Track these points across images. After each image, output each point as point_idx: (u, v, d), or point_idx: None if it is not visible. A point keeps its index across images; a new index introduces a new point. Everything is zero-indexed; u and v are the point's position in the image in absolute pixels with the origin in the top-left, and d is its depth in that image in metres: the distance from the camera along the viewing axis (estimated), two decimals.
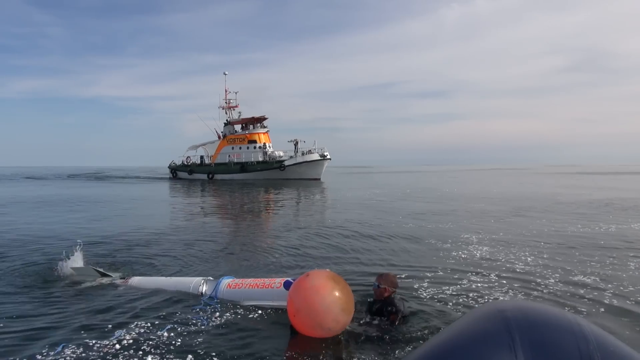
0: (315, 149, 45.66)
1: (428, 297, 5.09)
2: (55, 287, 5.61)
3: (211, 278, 5.31)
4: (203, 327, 4.16)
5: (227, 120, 49.35)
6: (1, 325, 4.27)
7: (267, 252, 7.95)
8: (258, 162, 45.67)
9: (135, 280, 5.59)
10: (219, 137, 49.00)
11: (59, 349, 3.64)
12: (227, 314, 4.51)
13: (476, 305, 4.75)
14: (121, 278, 5.77)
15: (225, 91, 50.02)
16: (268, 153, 46.59)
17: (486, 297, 4.93)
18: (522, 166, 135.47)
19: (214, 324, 4.25)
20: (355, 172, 74.53)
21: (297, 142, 45.96)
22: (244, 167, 45.16)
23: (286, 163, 44.34)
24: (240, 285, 4.93)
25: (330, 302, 3.65)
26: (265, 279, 4.95)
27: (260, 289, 4.75)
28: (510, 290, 5.32)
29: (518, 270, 6.34)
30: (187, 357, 3.54)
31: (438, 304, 4.85)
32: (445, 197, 21.12)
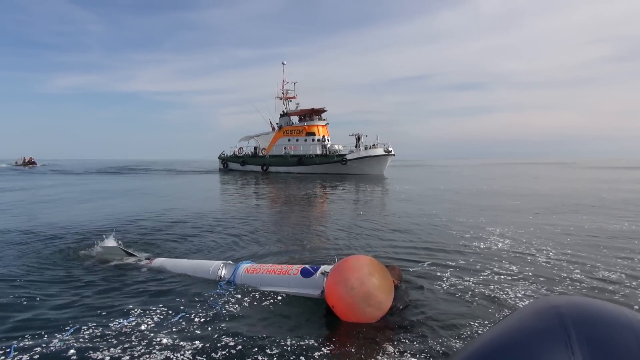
0: (378, 144, 45.31)
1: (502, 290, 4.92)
2: (83, 265, 6.25)
3: (231, 262, 5.62)
4: (217, 312, 4.41)
5: (283, 111, 50.37)
6: (25, 298, 4.82)
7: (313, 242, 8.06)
8: (317, 156, 46.20)
9: (159, 261, 6.06)
10: (273, 129, 50.21)
11: (72, 329, 4.02)
12: (243, 300, 4.74)
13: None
14: (146, 259, 6.26)
15: (283, 81, 51.13)
16: (327, 146, 46.97)
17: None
18: (563, 160, 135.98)
19: (228, 309, 4.48)
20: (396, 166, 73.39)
21: (359, 137, 45.87)
22: (301, 159, 45.88)
23: (348, 157, 44.37)
24: (259, 270, 5.17)
25: (367, 273, 3.96)
26: (284, 266, 5.16)
27: (278, 275, 4.97)
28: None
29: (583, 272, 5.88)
30: (196, 341, 3.76)
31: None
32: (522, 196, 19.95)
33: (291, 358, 3.50)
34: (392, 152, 45.03)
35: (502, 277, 5.76)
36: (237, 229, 9.61)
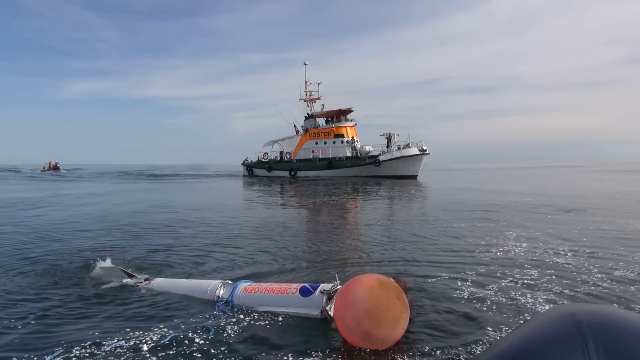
0: (412, 143, 44.87)
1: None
2: (81, 285, 6.41)
3: (229, 281, 5.67)
4: (211, 334, 4.43)
5: (308, 113, 50.57)
6: (16, 318, 5.00)
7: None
8: (347, 158, 46.08)
9: (157, 281, 6.18)
10: (297, 132, 50.45)
11: (61, 350, 4.12)
12: (238, 321, 4.76)
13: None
14: (145, 280, 6.39)
15: (306, 82, 51.29)
16: (357, 148, 46.81)
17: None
18: (577, 163, 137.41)
19: (223, 331, 4.51)
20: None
21: (390, 136, 45.57)
22: (331, 162, 45.84)
23: (381, 158, 44.11)
24: (257, 289, 5.19)
25: (360, 297, 3.83)
26: (282, 284, 5.16)
27: (276, 295, 4.96)
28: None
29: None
30: None
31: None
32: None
33: None
34: (427, 151, 44.50)
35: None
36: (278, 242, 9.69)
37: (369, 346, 3.87)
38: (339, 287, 4.66)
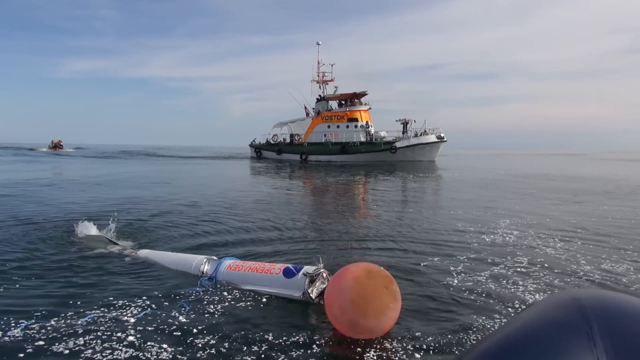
0: (429, 130, 44.57)
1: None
2: (68, 251, 6.54)
3: (214, 257, 5.72)
4: (189, 312, 4.44)
5: (320, 95, 50.15)
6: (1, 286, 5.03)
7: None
8: (362, 143, 45.82)
9: (143, 252, 6.28)
10: (307, 114, 50.20)
11: (35, 318, 4.17)
12: (220, 299, 4.78)
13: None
14: (131, 249, 6.52)
15: (318, 63, 50.77)
16: (371, 133, 46.51)
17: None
18: (577, 152, 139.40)
19: (203, 309, 4.52)
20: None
21: (406, 122, 45.29)
22: (344, 147, 45.60)
23: (397, 145, 43.85)
24: (241, 267, 5.24)
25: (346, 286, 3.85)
26: (266, 264, 5.20)
27: (260, 274, 5.02)
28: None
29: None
30: (166, 338, 3.85)
31: None
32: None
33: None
34: (445, 139, 44.16)
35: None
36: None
37: (357, 335, 3.88)
38: (322, 270, 4.75)
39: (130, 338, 3.78)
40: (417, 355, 3.60)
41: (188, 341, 3.78)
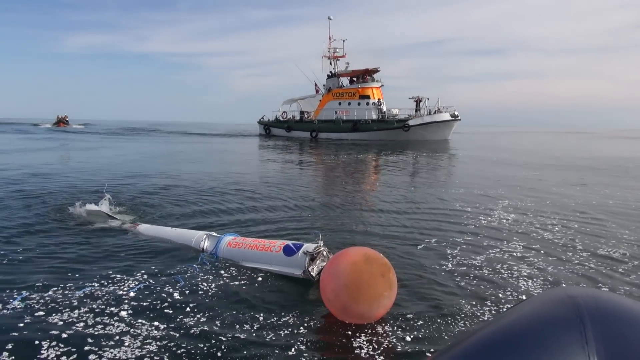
0: (442, 107, 44.10)
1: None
2: (67, 226, 6.65)
3: (214, 234, 5.74)
4: (186, 287, 4.52)
5: (330, 72, 49.52)
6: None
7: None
8: (374, 121, 45.50)
9: (143, 227, 6.36)
10: (317, 91, 49.73)
11: (33, 290, 4.27)
12: (215, 276, 4.84)
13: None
14: (130, 223, 6.59)
15: (329, 38, 49.86)
16: (383, 111, 46.12)
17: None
18: (587, 130, 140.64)
19: (199, 285, 4.59)
20: None
21: (419, 100, 44.82)
22: (356, 125, 45.33)
23: (410, 123, 43.49)
24: (241, 244, 5.28)
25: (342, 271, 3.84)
26: (267, 241, 5.22)
27: (260, 252, 5.06)
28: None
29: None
30: (158, 314, 3.93)
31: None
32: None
33: (256, 340, 3.52)
34: (459, 117, 43.71)
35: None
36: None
37: (349, 319, 3.92)
38: (322, 248, 4.76)
39: (123, 313, 3.85)
40: (408, 339, 3.61)
41: (179, 318, 3.83)
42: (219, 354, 3.31)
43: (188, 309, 4.03)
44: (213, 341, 3.49)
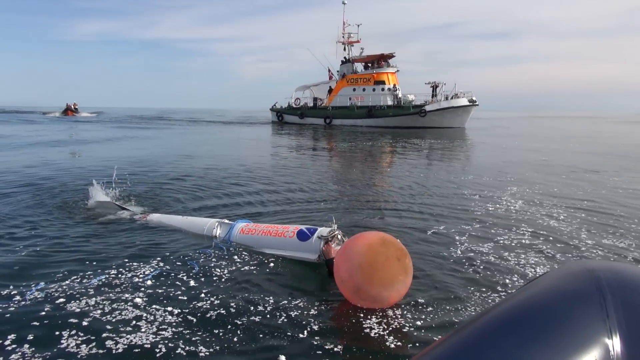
0: (461, 93, 43.66)
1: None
2: (76, 217, 6.74)
3: (226, 221, 5.80)
4: (201, 273, 4.60)
5: (345, 57, 49.27)
6: (2, 248, 5.26)
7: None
8: (389, 107, 45.28)
9: (154, 216, 6.44)
10: (331, 77, 49.50)
11: (48, 280, 4.36)
12: (229, 261, 4.91)
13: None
14: (141, 213, 6.68)
15: (344, 23, 49.58)
16: (399, 96, 45.85)
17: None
18: (601, 114, 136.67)
19: (213, 270, 4.67)
20: None
21: (436, 85, 44.44)
22: (371, 111, 45.17)
23: (427, 108, 43.19)
24: (254, 231, 5.33)
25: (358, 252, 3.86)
26: (280, 226, 5.26)
27: (273, 237, 5.12)
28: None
29: None
30: (172, 299, 4.01)
31: None
32: None
33: (272, 324, 3.59)
34: (477, 102, 43.27)
35: None
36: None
37: (360, 302, 3.93)
38: (336, 232, 4.78)
39: (138, 300, 3.93)
40: (418, 324, 3.64)
41: (194, 303, 3.90)
42: (235, 339, 3.37)
43: (203, 294, 4.10)
44: (229, 326, 3.56)
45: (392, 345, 3.33)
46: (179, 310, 3.77)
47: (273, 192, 9.07)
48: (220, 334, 3.44)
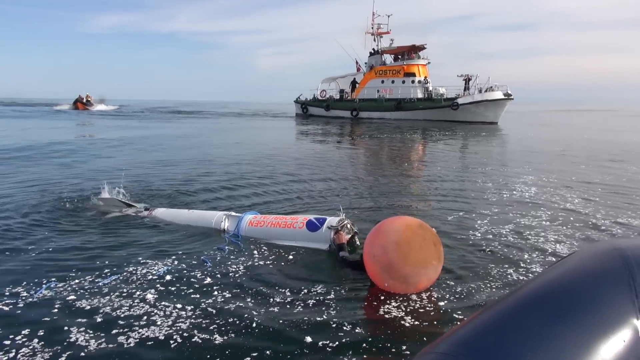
0: (495, 86, 42.87)
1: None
2: (81, 216, 6.72)
3: (233, 213, 5.84)
4: (212, 268, 4.62)
5: (373, 49, 48.91)
6: (11, 248, 5.27)
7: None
8: (419, 100, 44.81)
9: (159, 211, 6.46)
10: (358, 69, 49.15)
11: (57, 280, 4.34)
12: (241, 255, 4.97)
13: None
14: (145, 209, 6.66)
15: (373, 14, 49.16)
16: (429, 89, 45.31)
17: None
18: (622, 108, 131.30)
19: (225, 264, 4.70)
20: None
21: (468, 78, 43.71)
22: (400, 104, 44.73)
23: (460, 101, 42.57)
24: (263, 223, 5.38)
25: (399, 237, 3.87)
26: (288, 217, 5.33)
27: (282, 229, 5.18)
28: None
29: None
30: (184, 294, 4.03)
31: None
32: None
33: (286, 317, 3.59)
34: (512, 96, 42.41)
35: None
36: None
37: (389, 281, 3.88)
38: (345, 221, 4.85)
39: (150, 296, 3.94)
40: (441, 304, 3.72)
41: (209, 297, 3.94)
42: (249, 330, 3.39)
43: (217, 288, 4.13)
44: (246, 315, 3.60)
45: (419, 327, 3.38)
46: (195, 304, 3.80)
47: (302, 180, 9.66)
48: (237, 324, 3.46)
